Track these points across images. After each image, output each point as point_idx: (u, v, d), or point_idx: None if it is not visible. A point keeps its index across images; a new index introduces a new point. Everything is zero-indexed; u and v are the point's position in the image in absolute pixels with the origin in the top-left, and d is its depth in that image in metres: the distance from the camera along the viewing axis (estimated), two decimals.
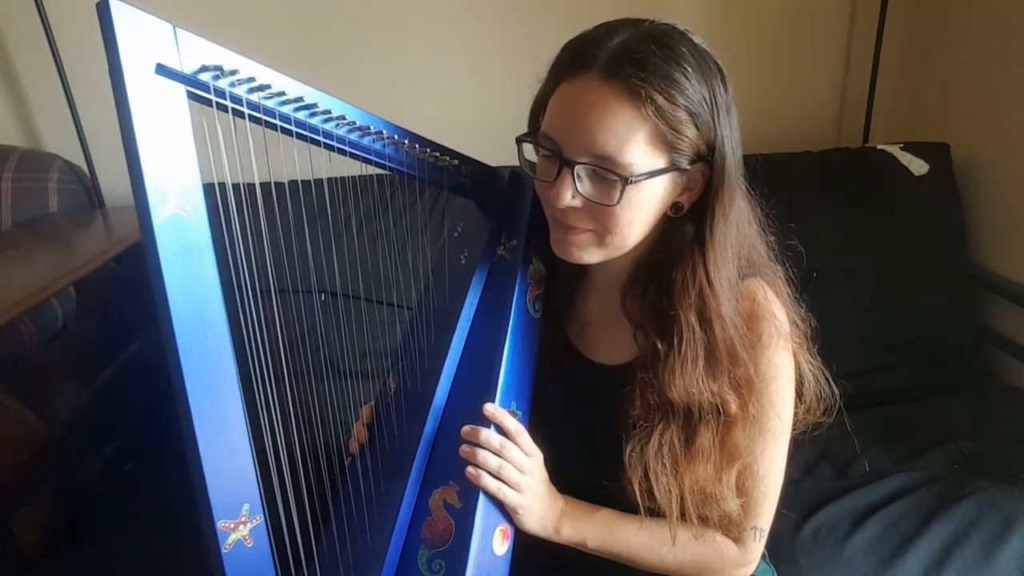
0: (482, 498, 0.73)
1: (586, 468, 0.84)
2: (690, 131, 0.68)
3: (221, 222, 0.53)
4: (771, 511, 0.82)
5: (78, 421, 1.36)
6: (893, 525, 1.21)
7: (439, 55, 1.87)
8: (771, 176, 0.82)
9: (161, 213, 0.49)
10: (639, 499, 0.75)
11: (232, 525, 0.53)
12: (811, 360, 0.82)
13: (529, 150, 0.78)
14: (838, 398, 0.83)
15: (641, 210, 0.71)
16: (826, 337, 0.85)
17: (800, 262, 0.87)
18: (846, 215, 1.74)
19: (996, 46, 1.70)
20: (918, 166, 1.75)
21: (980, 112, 1.77)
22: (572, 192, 0.70)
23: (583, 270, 0.88)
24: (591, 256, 0.75)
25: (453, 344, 0.82)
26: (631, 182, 0.68)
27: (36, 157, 1.68)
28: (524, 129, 0.79)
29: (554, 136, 0.70)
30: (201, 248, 0.51)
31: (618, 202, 0.69)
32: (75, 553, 1.27)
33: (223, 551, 0.53)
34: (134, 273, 1.53)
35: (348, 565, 0.71)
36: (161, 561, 1.17)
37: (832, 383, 0.83)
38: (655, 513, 0.77)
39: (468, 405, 0.78)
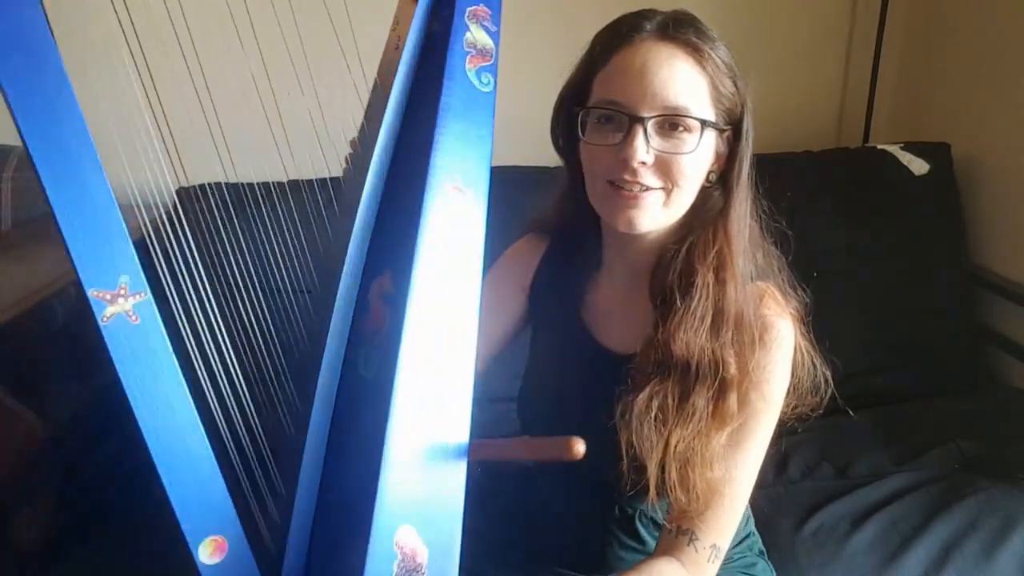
0: None
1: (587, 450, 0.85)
2: (732, 89, 0.75)
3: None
4: (732, 529, 0.80)
5: (78, 421, 1.36)
6: (893, 525, 1.21)
7: None
8: (771, 176, 0.83)
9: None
10: (626, 466, 0.74)
11: (108, 296, 0.46)
12: (808, 348, 0.83)
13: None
14: (831, 385, 0.84)
15: (701, 165, 0.76)
16: (826, 337, 0.85)
17: (799, 261, 0.87)
18: (846, 215, 1.73)
19: (996, 46, 1.70)
20: (918, 166, 1.75)
21: (980, 112, 1.77)
22: (647, 147, 0.71)
23: (598, 259, 0.89)
24: (653, 221, 0.76)
25: (381, 141, 0.74)
26: (708, 126, 0.73)
27: None
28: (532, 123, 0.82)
29: (620, 99, 0.73)
30: None
31: (695, 148, 0.72)
32: (75, 553, 1.27)
33: (101, 323, 0.45)
34: None
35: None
36: (161, 561, 1.17)
37: (821, 369, 0.84)
38: (638, 482, 0.75)
39: (401, 190, 0.71)
